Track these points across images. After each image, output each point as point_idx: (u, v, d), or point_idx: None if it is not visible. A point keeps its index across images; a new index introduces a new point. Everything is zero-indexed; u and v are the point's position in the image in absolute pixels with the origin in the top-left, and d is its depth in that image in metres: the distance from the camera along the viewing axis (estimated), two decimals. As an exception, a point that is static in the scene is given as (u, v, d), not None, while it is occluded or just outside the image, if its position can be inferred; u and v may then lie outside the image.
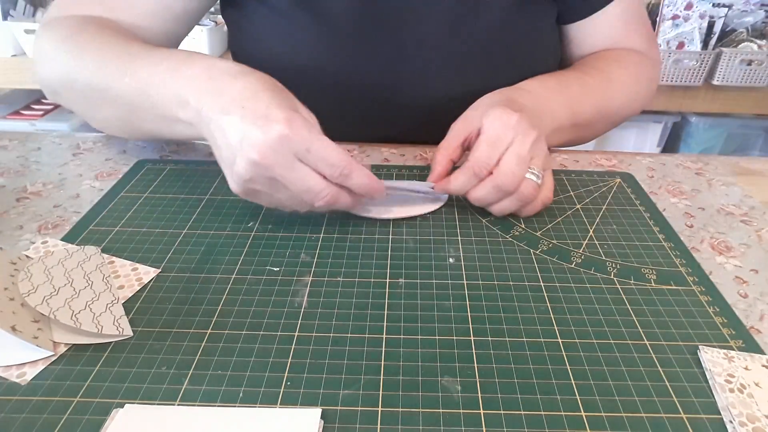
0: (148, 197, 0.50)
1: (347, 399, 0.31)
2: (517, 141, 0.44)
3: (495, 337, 0.36)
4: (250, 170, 0.39)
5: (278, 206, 0.44)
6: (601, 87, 0.58)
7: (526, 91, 0.51)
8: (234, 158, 0.39)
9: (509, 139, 0.44)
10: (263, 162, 0.38)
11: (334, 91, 0.58)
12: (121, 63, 0.47)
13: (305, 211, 0.44)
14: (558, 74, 0.58)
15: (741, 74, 1.46)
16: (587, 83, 0.57)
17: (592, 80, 0.58)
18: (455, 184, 0.46)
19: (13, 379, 0.32)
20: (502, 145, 0.44)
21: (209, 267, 0.42)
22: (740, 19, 1.48)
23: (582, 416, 0.31)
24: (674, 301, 0.39)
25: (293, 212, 0.45)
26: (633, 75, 0.61)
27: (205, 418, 0.30)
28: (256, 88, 0.41)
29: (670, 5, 1.47)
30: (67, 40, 0.51)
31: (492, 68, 0.60)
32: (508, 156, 0.44)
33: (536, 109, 0.48)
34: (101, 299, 0.37)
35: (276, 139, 0.38)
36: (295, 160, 0.39)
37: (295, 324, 0.36)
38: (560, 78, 0.56)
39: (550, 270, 0.42)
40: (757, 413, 0.30)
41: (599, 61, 0.61)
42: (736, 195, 0.53)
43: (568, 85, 0.56)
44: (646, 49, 0.64)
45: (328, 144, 0.39)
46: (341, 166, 0.40)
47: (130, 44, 0.49)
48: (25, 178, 0.53)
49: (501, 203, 0.46)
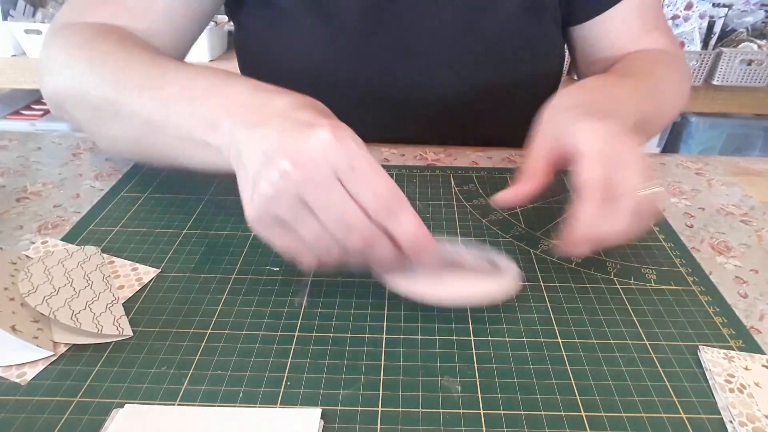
0: (148, 197, 0.50)
1: (347, 399, 0.31)
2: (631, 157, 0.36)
3: (495, 337, 0.36)
4: (277, 185, 0.31)
5: (294, 251, 0.34)
6: (654, 87, 0.54)
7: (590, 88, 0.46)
8: (259, 174, 0.32)
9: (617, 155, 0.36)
10: (296, 172, 0.31)
11: (339, 91, 0.58)
12: (144, 76, 0.42)
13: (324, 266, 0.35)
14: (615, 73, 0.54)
15: (741, 74, 1.46)
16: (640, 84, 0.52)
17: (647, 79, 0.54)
18: (584, 221, 0.35)
19: (13, 379, 0.32)
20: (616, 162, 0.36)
21: (209, 267, 0.42)
22: (740, 19, 1.48)
23: (582, 416, 0.31)
24: (674, 301, 0.39)
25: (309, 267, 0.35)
26: (674, 75, 0.59)
27: (206, 418, 0.30)
28: (301, 102, 0.35)
29: (670, 5, 1.47)
30: (82, 47, 0.47)
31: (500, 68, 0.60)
32: (632, 173, 0.36)
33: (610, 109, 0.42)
34: (101, 299, 0.37)
35: (318, 146, 0.31)
36: (335, 180, 0.31)
37: (295, 324, 0.36)
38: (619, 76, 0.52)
39: (550, 270, 0.42)
40: (757, 413, 0.30)
41: (642, 63, 0.57)
42: (736, 195, 0.53)
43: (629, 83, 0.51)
44: (668, 46, 0.62)
45: (378, 168, 0.32)
46: (389, 199, 0.32)
47: (157, 57, 0.44)
48: (25, 178, 0.53)
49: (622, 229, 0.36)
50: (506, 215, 0.48)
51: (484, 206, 0.50)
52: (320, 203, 0.31)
